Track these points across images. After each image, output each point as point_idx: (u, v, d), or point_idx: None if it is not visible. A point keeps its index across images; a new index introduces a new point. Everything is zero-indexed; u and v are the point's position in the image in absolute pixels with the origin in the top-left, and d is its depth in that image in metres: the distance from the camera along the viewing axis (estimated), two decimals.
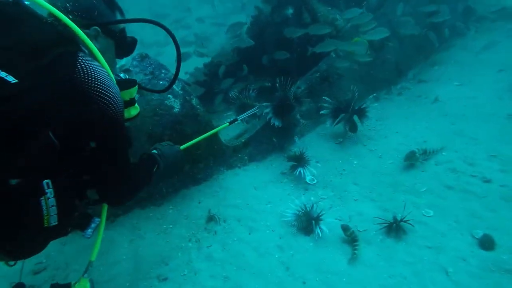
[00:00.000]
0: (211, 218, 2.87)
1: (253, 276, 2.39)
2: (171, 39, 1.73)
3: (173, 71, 1.96)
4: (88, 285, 1.69)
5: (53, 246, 2.78)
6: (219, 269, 2.47)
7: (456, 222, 2.64)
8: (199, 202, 3.10)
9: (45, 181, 1.28)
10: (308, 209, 2.76)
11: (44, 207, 1.30)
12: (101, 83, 1.37)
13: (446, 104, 4.30)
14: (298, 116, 3.70)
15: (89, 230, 1.66)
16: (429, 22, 5.14)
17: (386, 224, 2.65)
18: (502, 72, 4.77)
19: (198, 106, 3.11)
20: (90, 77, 1.34)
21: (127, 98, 1.71)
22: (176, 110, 3.01)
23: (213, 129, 2.97)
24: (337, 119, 3.76)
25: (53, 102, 1.26)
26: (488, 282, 2.15)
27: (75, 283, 1.68)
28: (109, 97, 1.40)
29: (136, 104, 1.78)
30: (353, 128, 3.81)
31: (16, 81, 1.15)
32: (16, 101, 1.15)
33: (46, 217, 1.32)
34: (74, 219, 1.59)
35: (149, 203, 3.08)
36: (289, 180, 3.39)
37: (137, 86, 1.75)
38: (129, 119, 1.77)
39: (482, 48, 5.59)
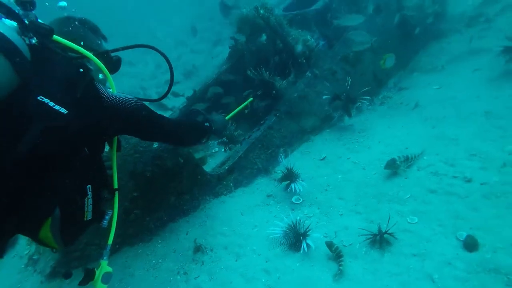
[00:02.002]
0: (198, 249, 2.88)
1: None
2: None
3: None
4: (105, 263, 2.04)
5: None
6: None
7: (440, 226, 2.62)
8: (187, 234, 3.12)
9: (88, 186, 1.73)
10: (295, 224, 2.78)
11: (85, 206, 1.71)
12: (119, 102, 1.86)
13: (426, 108, 4.35)
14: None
15: (105, 221, 2.00)
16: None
17: (370, 237, 2.64)
18: (477, 71, 4.85)
19: None
20: (111, 101, 1.83)
21: None
22: (155, 145, 3.10)
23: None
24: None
25: (91, 125, 1.68)
26: (473, 284, 2.11)
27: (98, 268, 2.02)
28: (124, 108, 1.89)
29: None
30: (348, 113, 4.38)
31: (67, 112, 1.47)
32: (70, 128, 1.51)
33: (86, 213, 1.73)
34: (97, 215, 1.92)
35: (137, 239, 3.10)
36: (275, 201, 3.40)
37: None
38: None
39: (459, 52, 5.69)
